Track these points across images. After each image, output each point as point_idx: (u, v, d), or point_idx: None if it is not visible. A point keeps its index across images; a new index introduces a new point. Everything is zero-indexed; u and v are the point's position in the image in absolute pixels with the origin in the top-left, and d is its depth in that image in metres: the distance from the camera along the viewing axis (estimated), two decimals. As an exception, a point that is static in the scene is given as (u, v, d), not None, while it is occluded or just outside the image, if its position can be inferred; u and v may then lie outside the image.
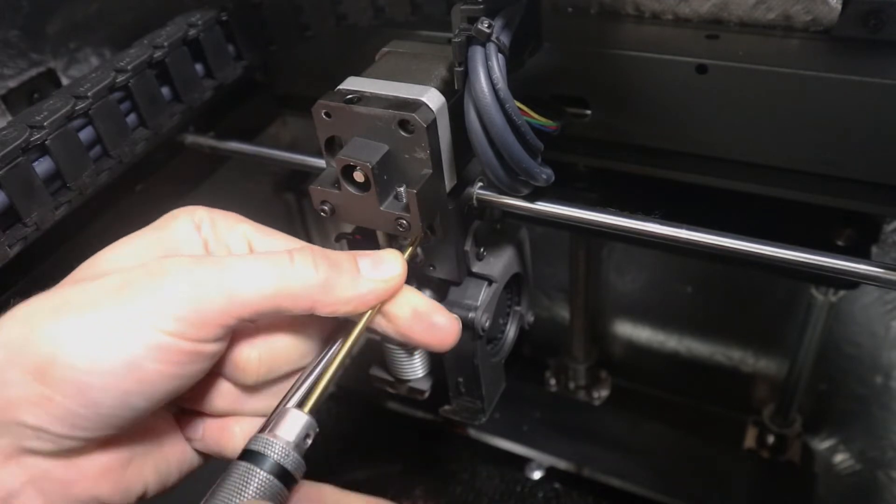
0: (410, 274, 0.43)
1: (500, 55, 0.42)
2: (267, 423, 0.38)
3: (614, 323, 1.03)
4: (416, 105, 0.42)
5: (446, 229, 0.48)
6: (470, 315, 0.50)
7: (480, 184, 0.50)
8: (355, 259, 0.41)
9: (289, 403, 0.39)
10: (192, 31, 0.62)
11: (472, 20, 0.42)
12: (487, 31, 0.41)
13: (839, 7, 0.54)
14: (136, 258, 0.38)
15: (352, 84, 0.45)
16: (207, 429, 0.42)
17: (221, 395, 0.41)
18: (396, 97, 0.43)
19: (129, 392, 0.35)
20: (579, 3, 0.63)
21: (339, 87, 0.45)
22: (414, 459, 0.98)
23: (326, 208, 0.45)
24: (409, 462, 0.98)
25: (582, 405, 1.01)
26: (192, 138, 0.69)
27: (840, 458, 0.94)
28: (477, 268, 0.51)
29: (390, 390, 0.56)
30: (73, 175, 0.54)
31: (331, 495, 0.38)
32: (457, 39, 0.42)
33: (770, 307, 0.89)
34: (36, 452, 0.35)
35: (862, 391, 0.88)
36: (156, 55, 0.59)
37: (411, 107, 0.42)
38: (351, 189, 0.44)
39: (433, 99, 0.43)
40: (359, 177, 0.43)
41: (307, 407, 0.37)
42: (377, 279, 0.40)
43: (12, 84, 0.64)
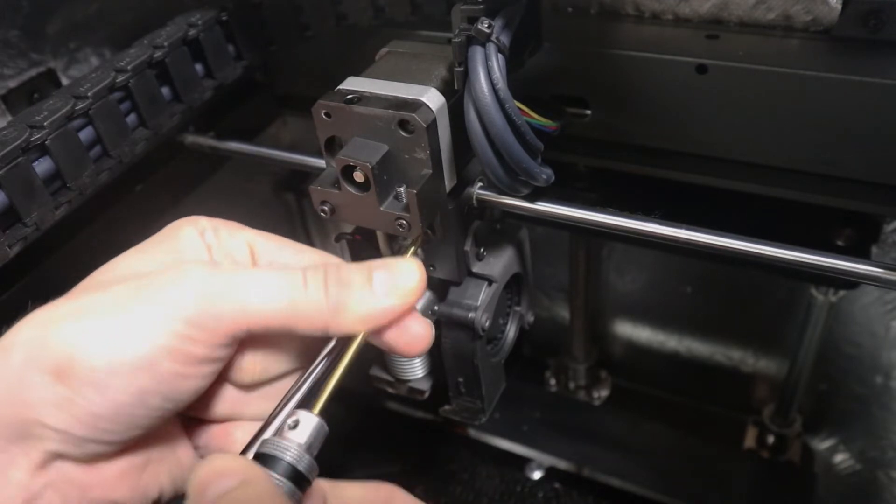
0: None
1: (500, 55, 0.42)
2: (268, 422, 0.38)
3: (614, 323, 1.03)
4: (416, 105, 0.42)
5: (446, 229, 0.48)
6: (470, 315, 0.50)
7: (480, 184, 0.50)
8: (370, 274, 0.39)
9: (290, 403, 0.39)
10: (192, 31, 0.62)
11: (472, 20, 0.42)
12: (487, 31, 0.41)
13: (839, 7, 0.54)
14: (147, 266, 0.39)
15: (352, 84, 0.45)
16: (211, 436, 0.43)
17: (222, 400, 0.42)
18: (396, 97, 0.43)
19: (147, 391, 0.35)
20: (579, 3, 0.63)
21: (339, 87, 0.45)
22: (414, 459, 0.98)
23: (326, 208, 0.45)
24: (409, 462, 0.97)
25: (582, 405, 1.01)
26: (192, 138, 0.69)
27: (840, 458, 0.94)
28: (477, 268, 0.51)
29: (390, 390, 0.56)
30: (73, 175, 0.54)
31: (325, 486, 0.38)
32: (457, 39, 0.42)
33: (770, 307, 0.89)
34: (57, 455, 0.35)
35: (862, 391, 0.88)
36: (156, 55, 0.59)
37: (411, 107, 0.42)
38: (351, 189, 0.44)
39: (433, 99, 0.43)
40: (359, 177, 0.43)
41: (316, 409, 0.37)
42: (392, 294, 0.38)
43: (12, 84, 0.64)
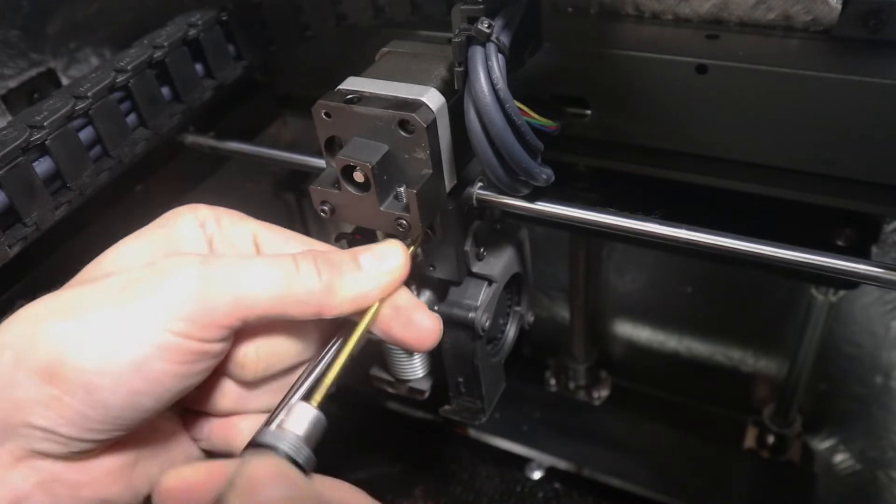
0: (410, 274, 0.43)
1: (500, 55, 0.42)
2: (272, 417, 0.37)
3: (614, 323, 1.03)
4: (416, 105, 0.42)
5: (446, 229, 0.48)
6: (470, 315, 0.50)
7: (480, 184, 0.50)
8: (356, 256, 0.41)
9: (293, 398, 0.39)
10: (192, 31, 0.62)
11: (472, 20, 0.42)
12: (487, 31, 0.41)
13: (839, 7, 0.54)
14: (140, 257, 0.38)
15: (352, 84, 0.45)
16: (213, 428, 0.43)
17: (225, 395, 0.41)
18: (396, 97, 0.43)
19: (137, 392, 0.35)
20: (579, 3, 0.63)
21: (339, 87, 0.45)
22: (414, 459, 0.98)
23: (326, 208, 0.45)
24: (409, 462, 0.97)
25: (582, 405, 1.01)
26: (192, 138, 0.69)
27: (840, 458, 0.94)
28: (477, 268, 0.51)
29: (390, 390, 0.56)
30: (73, 175, 0.54)
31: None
32: (457, 39, 0.42)
33: (770, 307, 0.89)
34: (45, 455, 0.35)
35: (862, 391, 0.88)
36: (156, 55, 0.59)
37: (411, 107, 0.42)
38: (351, 189, 0.44)
39: (433, 99, 0.43)
40: (359, 177, 0.43)
41: (314, 401, 0.37)
42: (380, 272, 0.40)
43: (12, 84, 0.64)
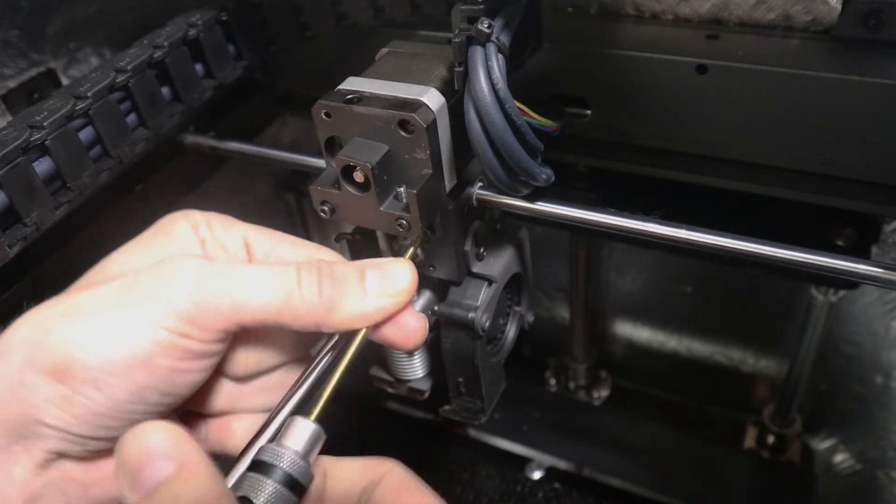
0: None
1: (500, 55, 0.42)
2: (267, 424, 0.38)
3: (614, 323, 1.03)
4: (416, 105, 0.42)
5: (446, 229, 0.48)
6: (470, 315, 0.50)
7: (480, 184, 0.50)
8: (363, 273, 0.40)
9: (287, 407, 0.39)
10: (192, 31, 0.62)
11: (472, 20, 0.42)
12: (487, 31, 0.41)
13: (839, 7, 0.54)
14: (142, 261, 0.39)
15: (352, 84, 0.45)
16: (209, 430, 0.43)
17: (218, 392, 0.42)
18: (396, 97, 0.43)
19: (144, 387, 0.35)
20: (579, 3, 0.63)
21: (339, 87, 0.45)
22: (414, 459, 0.97)
23: (326, 208, 0.45)
24: (409, 462, 0.97)
25: (582, 405, 1.01)
26: (192, 138, 0.69)
27: (840, 458, 0.94)
28: (477, 268, 0.51)
29: (390, 390, 0.56)
30: (73, 175, 0.54)
31: (326, 462, 0.38)
32: (457, 39, 0.42)
33: (770, 307, 0.89)
34: (58, 454, 0.35)
35: (862, 391, 0.88)
36: (156, 55, 0.59)
37: (411, 107, 0.42)
38: (351, 189, 0.44)
39: (433, 99, 0.43)
40: (359, 177, 0.43)
41: (313, 415, 0.37)
42: (384, 294, 0.40)
43: (12, 84, 0.64)
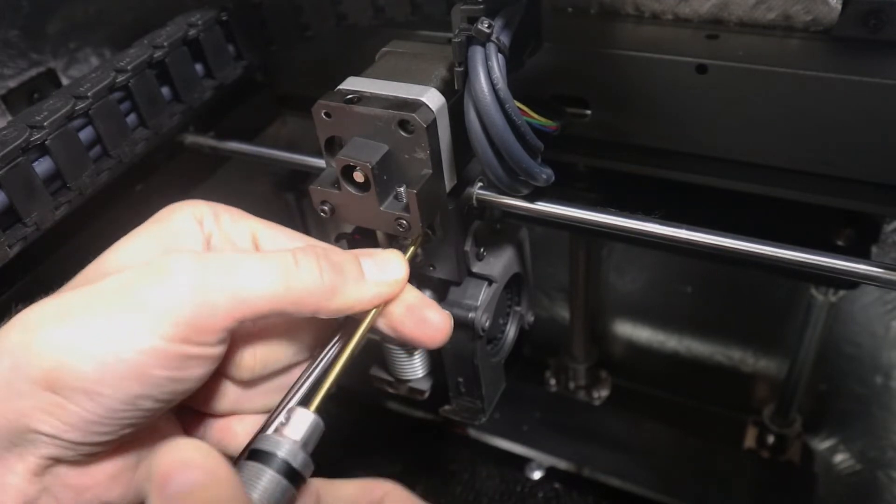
0: (410, 274, 0.43)
1: (500, 55, 0.42)
2: (269, 421, 0.37)
3: (614, 323, 1.03)
4: (416, 105, 0.42)
5: (446, 229, 0.48)
6: (470, 315, 0.50)
7: (480, 184, 0.50)
8: (359, 261, 0.40)
9: (291, 402, 0.39)
10: (192, 31, 0.62)
11: (472, 20, 0.42)
12: (487, 31, 0.41)
13: (839, 7, 0.54)
14: (138, 256, 0.38)
15: (352, 84, 0.45)
16: (211, 430, 0.42)
17: (223, 395, 0.41)
18: (396, 97, 0.43)
19: (138, 396, 0.34)
20: (579, 3, 0.63)
21: (339, 87, 0.45)
22: (414, 459, 0.98)
23: (326, 208, 0.45)
24: (409, 462, 0.97)
25: (582, 405, 1.01)
26: (192, 138, 0.69)
27: (840, 458, 0.94)
28: (477, 268, 0.51)
29: (390, 390, 0.56)
30: (73, 175, 0.54)
31: (318, 484, 0.37)
32: (457, 39, 0.42)
33: (770, 307, 0.89)
34: (51, 460, 0.35)
35: (862, 391, 0.88)
36: (156, 55, 0.59)
37: (411, 107, 0.42)
38: (351, 189, 0.44)
39: (433, 99, 0.43)
40: (359, 177, 0.43)
41: (313, 406, 0.37)
42: (381, 282, 0.40)
43: (12, 84, 0.64)
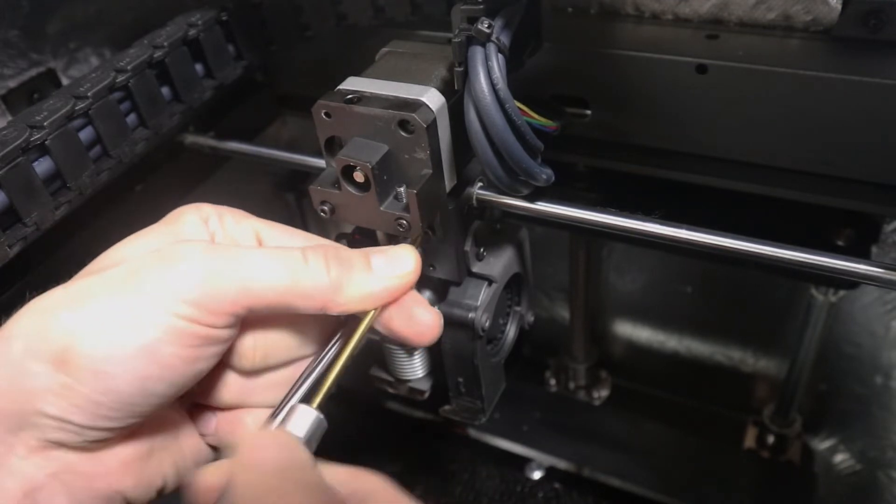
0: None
1: (500, 55, 0.42)
2: (273, 416, 0.38)
3: (614, 323, 1.03)
4: (416, 105, 0.42)
5: (446, 229, 0.48)
6: (470, 315, 0.50)
7: (480, 184, 0.50)
8: (368, 257, 0.41)
9: (294, 398, 0.39)
10: (192, 31, 0.62)
11: (472, 20, 0.42)
12: (487, 31, 0.41)
13: (839, 7, 0.54)
14: (148, 249, 0.38)
15: (352, 84, 0.45)
16: (220, 422, 0.43)
17: (226, 385, 0.41)
18: (396, 97, 0.43)
19: (147, 377, 0.35)
20: (579, 3, 0.63)
21: (339, 87, 0.45)
22: (414, 459, 0.98)
23: (326, 208, 0.45)
24: (409, 462, 0.97)
25: (582, 405, 1.01)
26: (192, 138, 0.69)
27: (840, 458, 0.94)
28: (477, 268, 0.51)
29: (390, 390, 0.56)
30: (73, 175, 0.54)
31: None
32: (457, 39, 0.42)
33: (770, 307, 0.89)
34: (59, 445, 0.35)
35: (862, 391, 0.88)
36: (156, 55, 0.59)
37: (411, 107, 0.42)
38: (351, 189, 0.44)
39: (433, 99, 0.43)
40: (359, 177, 0.43)
41: (315, 403, 0.37)
42: (391, 276, 0.40)
43: (12, 84, 0.64)
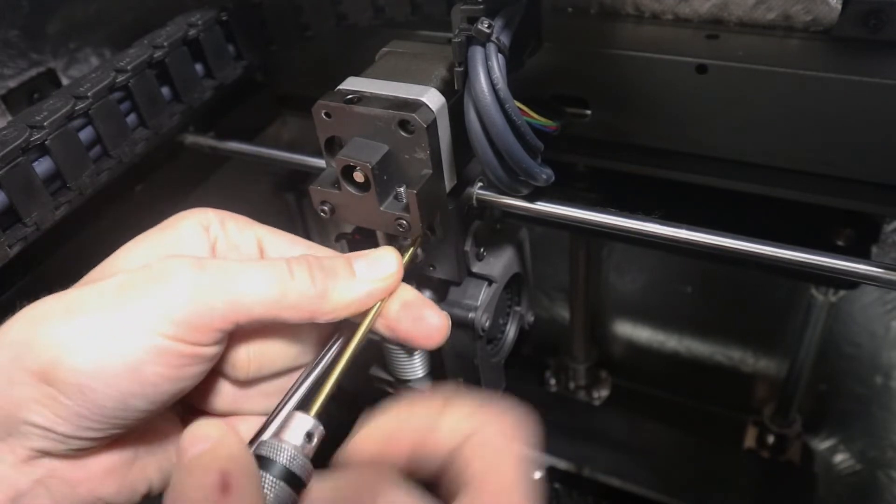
0: (410, 274, 0.43)
1: (500, 55, 0.42)
2: (267, 424, 0.38)
3: (614, 323, 1.03)
4: (416, 105, 0.42)
5: (446, 229, 0.48)
6: (470, 315, 0.50)
7: (480, 184, 0.50)
8: (350, 262, 0.41)
9: (289, 404, 0.39)
10: (192, 31, 0.62)
11: (472, 20, 0.42)
12: (487, 31, 0.41)
13: (839, 7, 0.54)
14: (142, 260, 0.38)
15: (352, 84, 0.45)
16: None
17: (220, 394, 0.41)
18: (396, 97, 0.43)
19: (130, 394, 0.35)
20: (579, 3, 0.63)
21: (339, 87, 0.45)
22: (414, 459, 0.98)
23: (326, 208, 0.45)
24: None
25: (582, 405, 1.01)
26: (192, 138, 0.69)
27: (840, 458, 0.94)
28: (477, 268, 0.51)
29: (390, 390, 0.56)
30: (73, 175, 0.54)
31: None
32: (457, 39, 0.42)
33: (770, 307, 0.89)
34: (44, 452, 0.35)
35: (862, 391, 0.88)
36: (156, 55, 0.59)
37: (411, 107, 0.42)
38: (351, 189, 0.44)
39: (433, 99, 0.43)
40: (359, 177, 0.43)
41: (313, 410, 0.37)
42: (373, 279, 0.40)
43: (12, 84, 0.64)
